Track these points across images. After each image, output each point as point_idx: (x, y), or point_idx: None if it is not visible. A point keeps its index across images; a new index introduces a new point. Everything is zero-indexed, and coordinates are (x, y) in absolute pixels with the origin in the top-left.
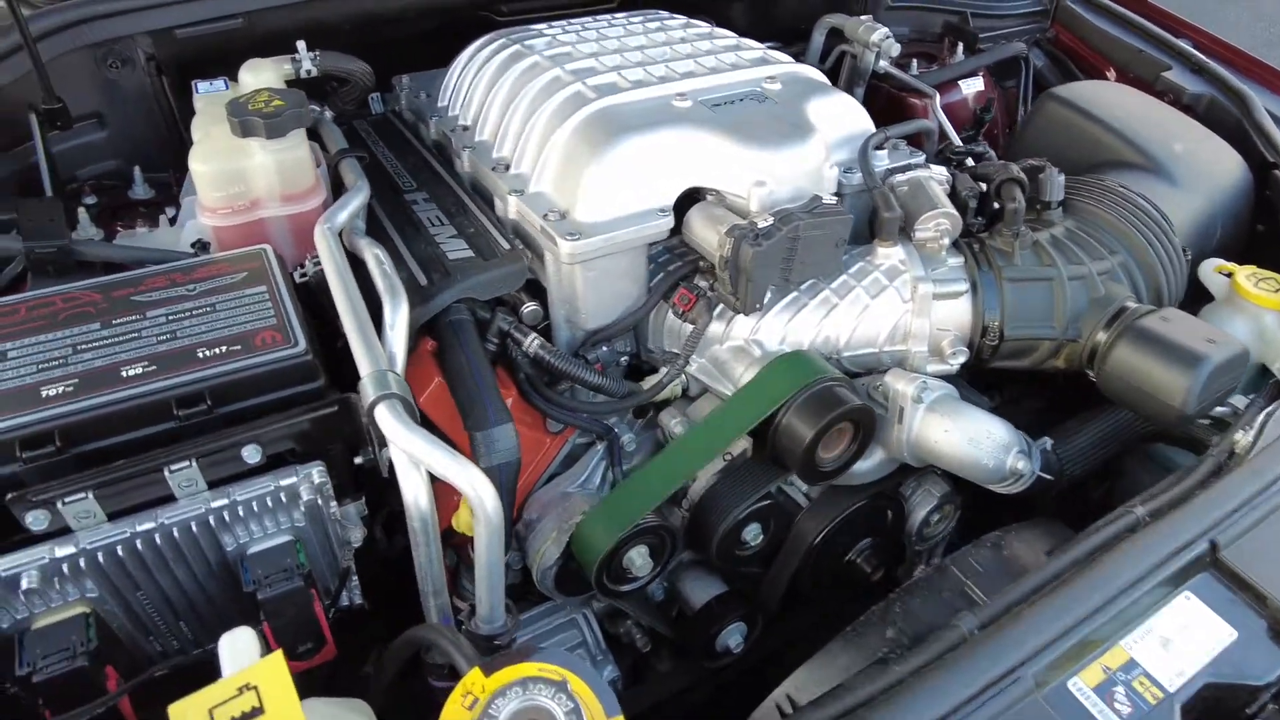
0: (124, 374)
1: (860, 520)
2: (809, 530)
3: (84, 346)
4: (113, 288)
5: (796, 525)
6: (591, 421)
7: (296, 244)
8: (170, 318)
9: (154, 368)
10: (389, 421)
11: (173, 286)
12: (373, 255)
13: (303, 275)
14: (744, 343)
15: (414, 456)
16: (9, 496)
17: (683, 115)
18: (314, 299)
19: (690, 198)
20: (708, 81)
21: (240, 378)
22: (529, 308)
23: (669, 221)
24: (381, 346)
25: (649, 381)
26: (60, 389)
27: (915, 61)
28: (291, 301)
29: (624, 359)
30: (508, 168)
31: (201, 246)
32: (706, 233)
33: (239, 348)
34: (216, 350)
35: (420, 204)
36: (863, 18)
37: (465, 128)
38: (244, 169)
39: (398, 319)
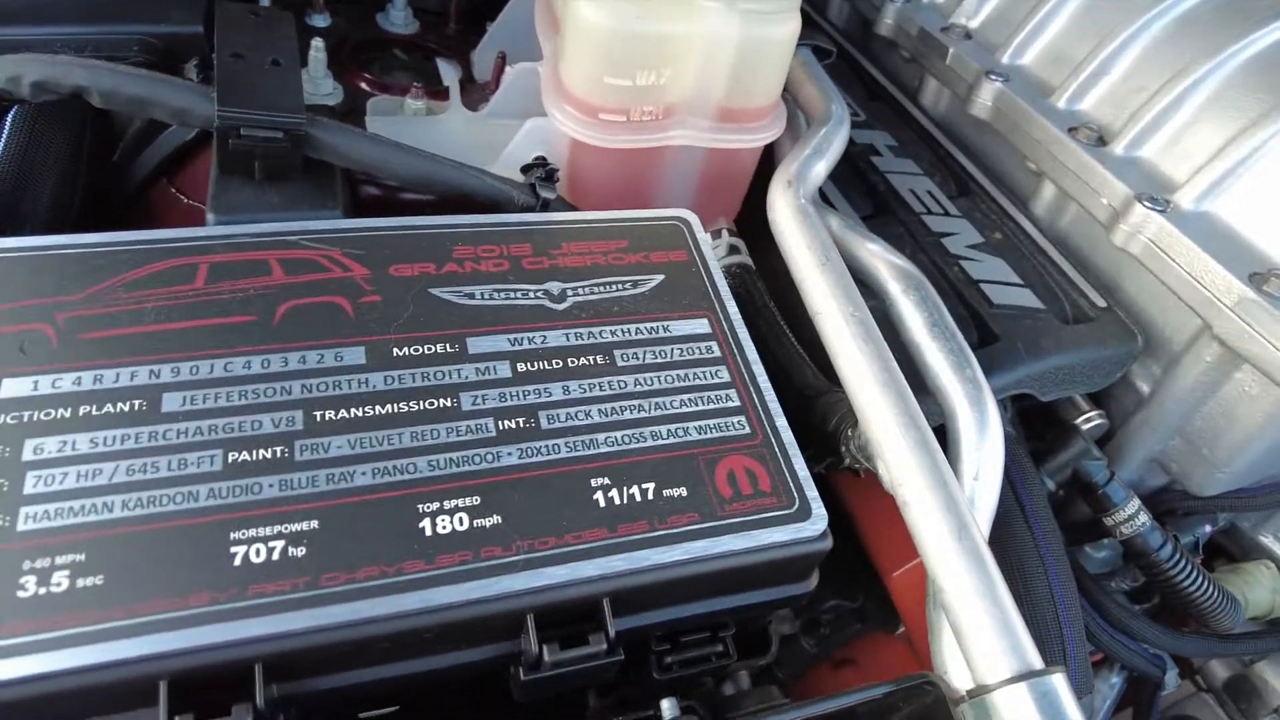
0: (422, 524)
1: None
2: None
3: (330, 417)
4: (392, 254)
5: None
6: (1147, 657)
7: (704, 201)
8: (523, 366)
9: (494, 518)
10: None
11: (518, 280)
12: (896, 272)
13: None
14: None
15: None
16: None
17: None
18: None
19: None
20: None
21: (679, 576)
22: (1093, 419)
23: None
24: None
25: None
26: (271, 545)
27: None
28: (760, 368)
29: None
30: (1101, 140)
31: (545, 177)
32: None
33: (682, 493)
34: (633, 492)
35: (887, 157)
36: None
37: (967, 34)
38: (676, 40)
39: (988, 433)
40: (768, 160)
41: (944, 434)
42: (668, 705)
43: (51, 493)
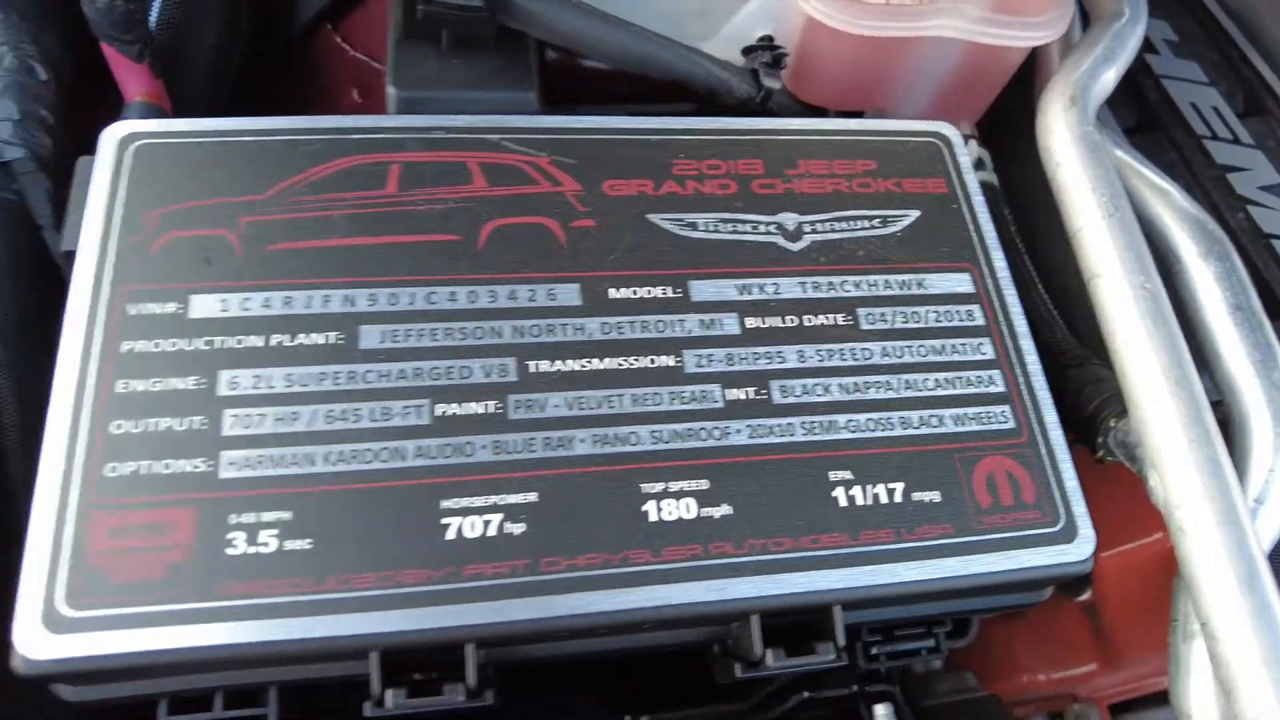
0: (645, 507)
1: None
2: None
3: (544, 369)
4: (607, 165)
5: None
6: None
7: (946, 106)
8: (753, 321)
9: (725, 509)
10: None
11: (747, 209)
12: (1196, 231)
13: None
14: None
15: None
16: None
17: None
18: None
19: None
20: None
21: (921, 592)
22: None
23: None
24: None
25: None
26: (487, 518)
27: None
28: (1030, 343)
29: None
30: None
31: (772, 62)
32: None
33: (934, 498)
34: (878, 492)
35: (1164, 55)
36: None
37: None
38: None
39: None
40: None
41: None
42: (883, 712)
43: (250, 436)
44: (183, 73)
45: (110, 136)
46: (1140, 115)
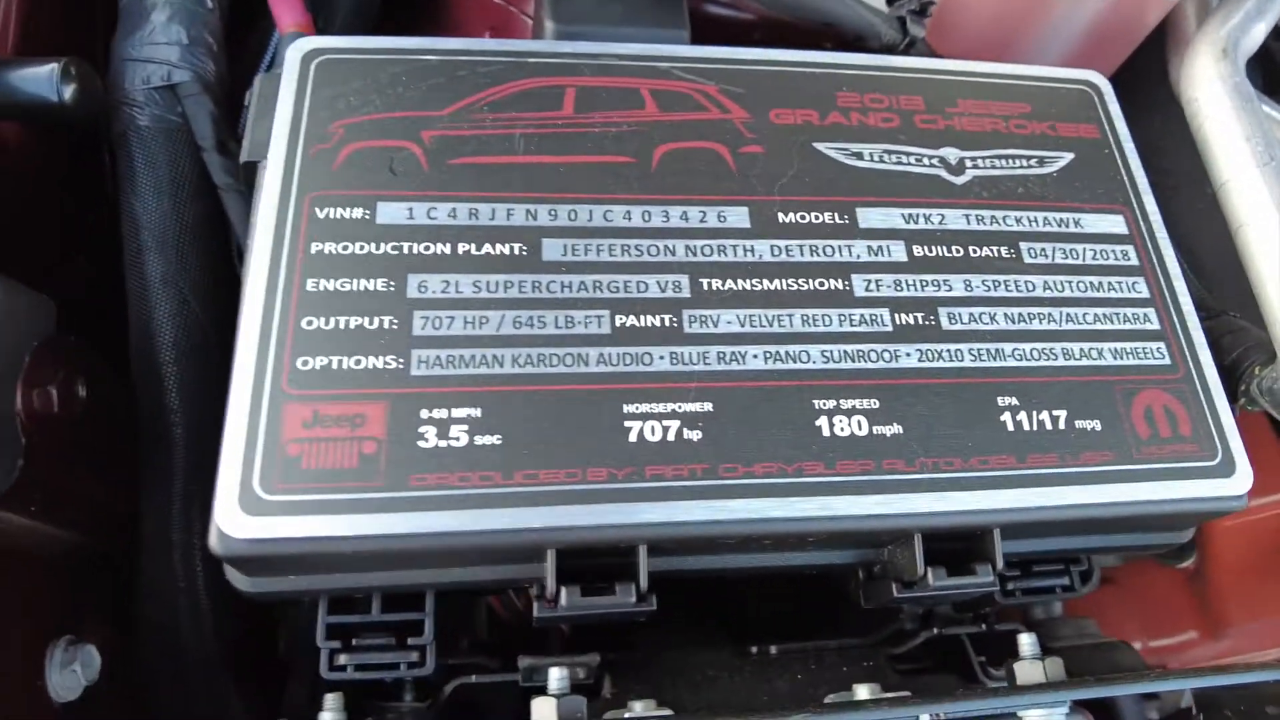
0: (819, 422)
1: None
2: None
3: (716, 286)
4: (773, 95)
5: None
6: None
7: (1079, 61)
8: (920, 249)
9: (895, 427)
10: None
11: (910, 142)
12: None
13: None
14: None
15: None
16: None
17: None
18: None
19: None
20: None
21: (1080, 518)
22: None
23: None
24: None
25: None
26: (666, 424)
27: None
28: (1183, 284)
29: None
30: None
31: (919, 10)
32: None
33: (1095, 426)
34: (1043, 418)
35: None
36: None
37: None
38: None
39: None
40: None
41: None
42: (1028, 641)
43: (440, 337)
44: (330, 12)
45: (295, 51)
46: (1267, 78)
